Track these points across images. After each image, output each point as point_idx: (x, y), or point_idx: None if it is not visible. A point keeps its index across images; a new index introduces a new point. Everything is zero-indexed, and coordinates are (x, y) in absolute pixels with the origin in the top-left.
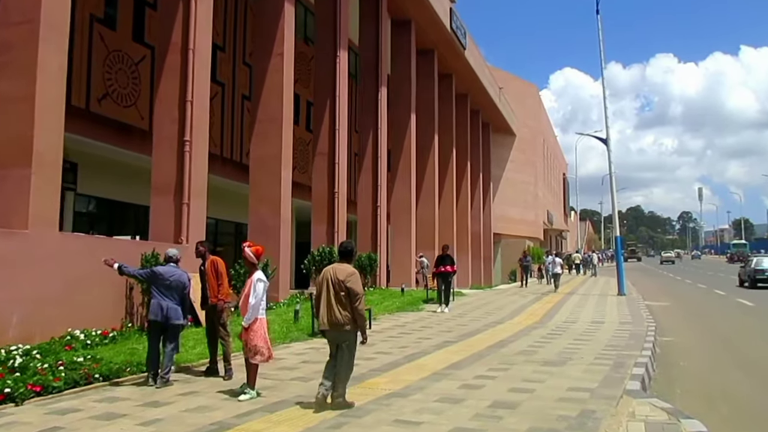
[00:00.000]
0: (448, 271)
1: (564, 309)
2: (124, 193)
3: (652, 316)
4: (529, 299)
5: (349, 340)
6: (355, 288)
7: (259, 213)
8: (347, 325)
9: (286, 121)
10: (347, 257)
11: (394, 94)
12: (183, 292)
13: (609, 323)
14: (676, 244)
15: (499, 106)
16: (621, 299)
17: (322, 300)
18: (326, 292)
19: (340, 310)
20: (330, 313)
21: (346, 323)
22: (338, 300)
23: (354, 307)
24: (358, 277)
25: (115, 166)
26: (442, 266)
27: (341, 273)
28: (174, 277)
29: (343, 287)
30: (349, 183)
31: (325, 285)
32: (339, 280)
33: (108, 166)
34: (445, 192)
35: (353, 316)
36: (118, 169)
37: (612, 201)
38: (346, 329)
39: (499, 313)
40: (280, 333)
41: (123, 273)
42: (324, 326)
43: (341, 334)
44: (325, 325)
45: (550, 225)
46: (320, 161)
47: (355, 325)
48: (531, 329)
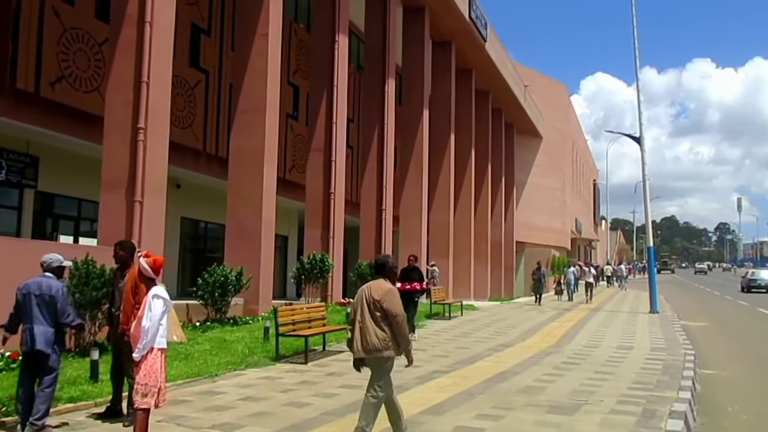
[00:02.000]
0: (415, 289)
1: (586, 329)
2: (93, 191)
3: (689, 339)
4: (548, 316)
5: (382, 368)
6: (392, 308)
7: (238, 214)
8: (385, 351)
9: (270, 111)
10: (384, 273)
11: (405, 88)
12: (57, 310)
13: (638, 349)
14: (712, 256)
15: (524, 106)
16: (653, 318)
17: (356, 322)
18: (361, 314)
19: (377, 333)
20: (365, 337)
21: (384, 348)
22: (375, 321)
23: (394, 330)
24: (396, 294)
25: (82, 160)
26: (408, 282)
27: (377, 291)
28: (44, 291)
29: (380, 307)
30: (351, 184)
31: (359, 305)
32: (375, 300)
33: (73, 161)
34: (463, 196)
35: (395, 339)
36: (86, 165)
37: (645, 207)
38: (384, 355)
39: (510, 332)
40: (239, 356)
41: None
42: (358, 353)
43: (377, 361)
44: (359, 351)
45: (578, 234)
46: (315, 158)
47: (397, 349)
48: (543, 355)
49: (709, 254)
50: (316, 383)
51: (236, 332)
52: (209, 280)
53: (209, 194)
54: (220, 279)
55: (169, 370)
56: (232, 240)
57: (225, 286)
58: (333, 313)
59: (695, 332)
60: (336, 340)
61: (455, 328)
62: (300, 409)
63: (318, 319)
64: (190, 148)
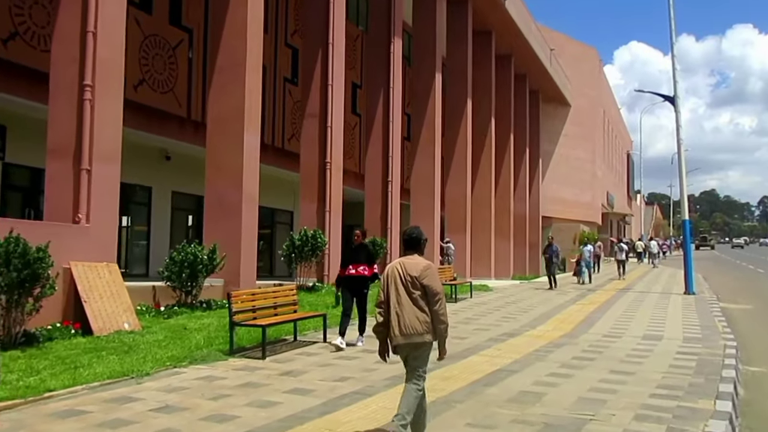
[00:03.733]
0: (361, 275)
1: (609, 314)
2: None
3: (729, 326)
4: (568, 298)
5: (424, 355)
6: (434, 285)
7: (217, 186)
8: (426, 334)
9: (251, 69)
10: (415, 247)
11: (415, 50)
12: None
13: (668, 340)
14: (755, 231)
15: (549, 71)
16: (688, 300)
17: (391, 306)
18: (396, 295)
19: (419, 315)
20: (403, 320)
21: (426, 331)
22: (414, 302)
23: (434, 310)
24: (435, 271)
25: None
26: (352, 266)
27: (413, 268)
28: None
29: (418, 285)
30: (360, 156)
31: (393, 285)
32: (412, 277)
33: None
34: (482, 167)
35: (433, 323)
36: None
37: (680, 175)
38: (426, 340)
39: (520, 318)
40: (190, 348)
41: None
42: (397, 340)
43: (419, 347)
44: (398, 338)
45: (610, 208)
46: (309, 125)
47: (434, 334)
48: (552, 348)
49: (752, 229)
50: (262, 386)
51: (204, 318)
52: (177, 259)
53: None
54: (190, 258)
55: (97, 367)
56: (210, 215)
57: (194, 266)
58: (328, 294)
59: (737, 317)
60: (314, 328)
61: (458, 313)
62: (218, 425)
63: (286, 305)
64: (174, 116)
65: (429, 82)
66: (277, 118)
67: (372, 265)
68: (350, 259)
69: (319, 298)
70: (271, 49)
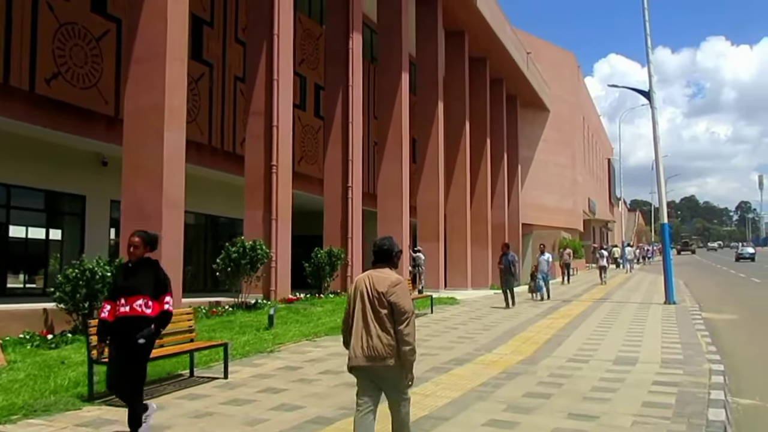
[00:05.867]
0: (137, 315)
1: (582, 329)
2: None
3: (713, 344)
4: (540, 310)
5: (396, 379)
6: (402, 303)
7: (135, 190)
8: (390, 359)
9: (172, 58)
10: (386, 260)
11: (381, 47)
12: None
13: (644, 364)
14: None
15: (527, 75)
16: (669, 311)
17: (355, 322)
18: (361, 311)
19: (382, 337)
20: (366, 340)
21: (390, 355)
22: (379, 321)
23: (399, 330)
24: (405, 287)
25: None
26: (124, 298)
27: (381, 283)
28: None
29: (385, 302)
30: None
31: (358, 300)
32: (379, 293)
33: None
34: (457, 173)
35: (398, 344)
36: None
37: (657, 175)
38: (390, 364)
39: (480, 337)
40: (40, 392)
41: None
42: (358, 361)
43: (384, 372)
44: (360, 358)
45: (592, 215)
46: (254, 123)
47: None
48: (504, 379)
49: (731, 234)
50: None
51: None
52: (71, 276)
53: None
54: (87, 275)
55: None
56: (128, 224)
57: (92, 285)
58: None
59: (721, 330)
60: (215, 360)
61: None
62: None
63: (178, 333)
64: (101, 114)
65: (395, 81)
66: (227, 120)
67: (162, 297)
68: (121, 289)
69: (256, 318)
70: (218, 44)
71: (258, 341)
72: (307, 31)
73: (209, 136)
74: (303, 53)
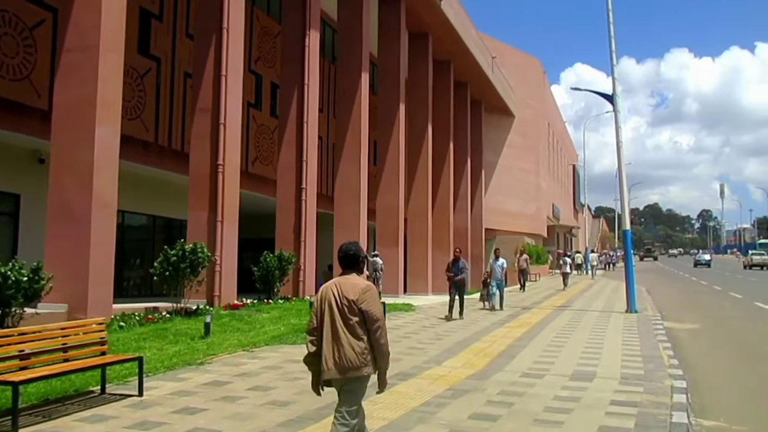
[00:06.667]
0: None
1: (539, 339)
2: None
3: (676, 356)
4: (498, 318)
5: (361, 389)
6: (373, 311)
7: (63, 189)
8: (364, 367)
9: (107, 50)
10: (354, 265)
11: (341, 46)
12: None
13: (602, 380)
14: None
15: (492, 80)
16: (630, 320)
17: (324, 334)
18: (330, 322)
19: (355, 346)
20: (338, 350)
21: (364, 363)
22: (350, 329)
23: (374, 338)
24: (375, 293)
25: None
26: None
27: (350, 290)
28: None
29: (355, 310)
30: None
31: (326, 310)
32: (349, 301)
33: None
34: (419, 176)
35: (374, 353)
36: None
37: (620, 180)
38: (363, 374)
39: (431, 347)
40: None
41: None
42: (331, 374)
43: (355, 383)
44: (333, 371)
45: (556, 221)
46: (201, 121)
47: (374, 365)
48: (449, 398)
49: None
50: None
51: None
52: None
53: None
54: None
55: None
56: (54, 225)
57: (2, 290)
58: (217, 320)
59: (684, 341)
60: (135, 374)
61: None
62: None
63: (86, 346)
64: (35, 108)
65: (355, 81)
66: (175, 117)
67: None
68: None
69: (194, 325)
70: (168, 39)
71: (189, 352)
72: (265, 29)
73: (155, 134)
74: (260, 51)
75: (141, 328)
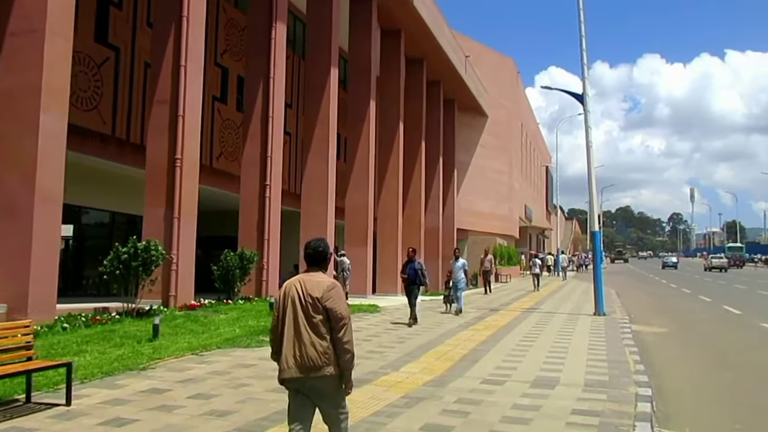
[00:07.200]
0: None
1: (504, 343)
2: None
3: (642, 362)
4: (464, 320)
5: (333, 392)
6: (338, 309)
7: (4, 181)
8: (328, 367)
9: (53, 34)
10: (320, 263)
11: (309, 40)
12: None
13: (564, 387)
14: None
15: (465, 79)
16: (597, 322)
17: (286, 331)
18: (292, 319)
19: (317, 345)
20: (300, 349)
21: (327, 364)
22: (312, 328)
23: (338, 338)
24: (341, 292)
25: None
26: None
27: (315, 288)
28: None
29: (320, 308)
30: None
31: (289, 306)
32: (314, 298)
33: None
34: (389, 175)
35: (336, 353)
36: None
37: (589, 180)
38: (326, 374)
39: (391, 351)
40: None
41: None
42: (290, 372)
43: (319, 383)
44: (293, 369)
45: (528, 222)
46: (158, 113)
47: (336, 365)
48: (402, 407)
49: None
50: None
51: None
52: None
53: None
54: None
55: None
56: None
57: None
58: (170, 321)
59: (651, 345)
60: (59, 382)
61: None
62: None
63: (12, 350)
64: None
65: (324, 76)
66: (134, 109)
67: None
68: None
69: (145, 326)
70: (128, 27)
71: (133, 356)
72: (232, 21)
73: (113, 127)
74: (226, 43)
75: (86, 330)
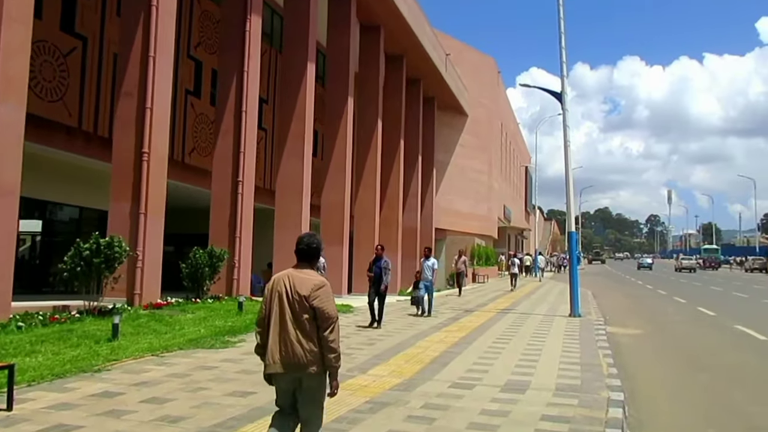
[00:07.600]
0: None
1: (477, 345)
2: None
3: (616, 365)
4: (438, 321)
5: (315, 387)
6: (326, 308)
7: None
8: (313, 366)
9: (10, 19)
10: (311, 260)
11: (286, 34)
12: None
13: (535, 391)
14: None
15: (445, 77)
16: (573, 324)
17: (272, 326)
18: (279, 314)
19: (303, 342)
20: (286, 346)
21: (312, 362)
22: (299, 326)
23: (324, 336)
24: (329, 290)
25: None
26: None
27: (303, 285)
28: None
29: (307, 306)
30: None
31: (275, 302)
32: (301, 296)
33: None
34: (366, 173)
35: (322, 351)
36: None
37: (566, 179)
38: (310, 372)
39: (360, 353)
40: None
41: None
42: (275, 367)
43: (304, 380)
44: (277, 365)
45: (507, 222)
46: (125, 105)
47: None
48: (366, 412)
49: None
50: None
51: None
52: None
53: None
54: None
55: None
56: None
57: None
58: (126, 322)
59: (625, 347)
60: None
61: None
62: None
63: None
64: None
65: (300, 70)
66: (103, 102)
67: None
68: None
69: (105, 326)
70: (96, 16)
71: (89, 357)
72: (206, 13)
73: (80, 119)
74: (200, 36)
75: (43, 329)
